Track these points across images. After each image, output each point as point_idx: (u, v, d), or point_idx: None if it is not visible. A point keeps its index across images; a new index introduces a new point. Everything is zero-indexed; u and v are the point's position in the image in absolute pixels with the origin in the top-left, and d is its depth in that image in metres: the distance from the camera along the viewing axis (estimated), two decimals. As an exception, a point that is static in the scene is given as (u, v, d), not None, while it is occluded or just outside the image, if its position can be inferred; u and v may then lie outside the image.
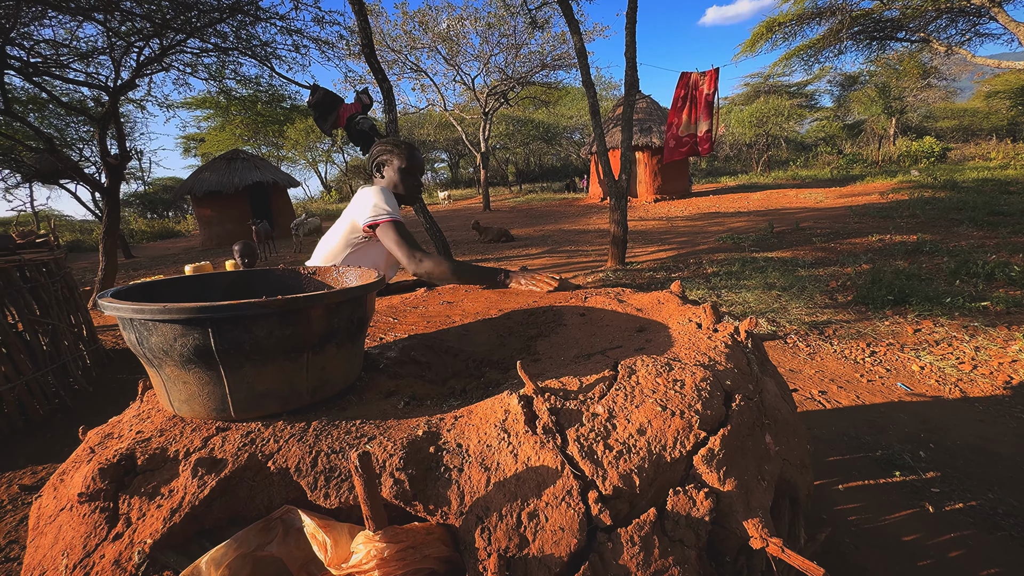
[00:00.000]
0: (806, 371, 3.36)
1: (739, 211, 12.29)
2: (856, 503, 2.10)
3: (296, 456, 0.76)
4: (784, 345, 3.81)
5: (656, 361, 0.87)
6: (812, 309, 4.53)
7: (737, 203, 13.90)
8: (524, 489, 0.71)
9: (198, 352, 0.75)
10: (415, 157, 1.88)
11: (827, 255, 6.54)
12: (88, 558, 0.69)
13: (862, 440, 2.53)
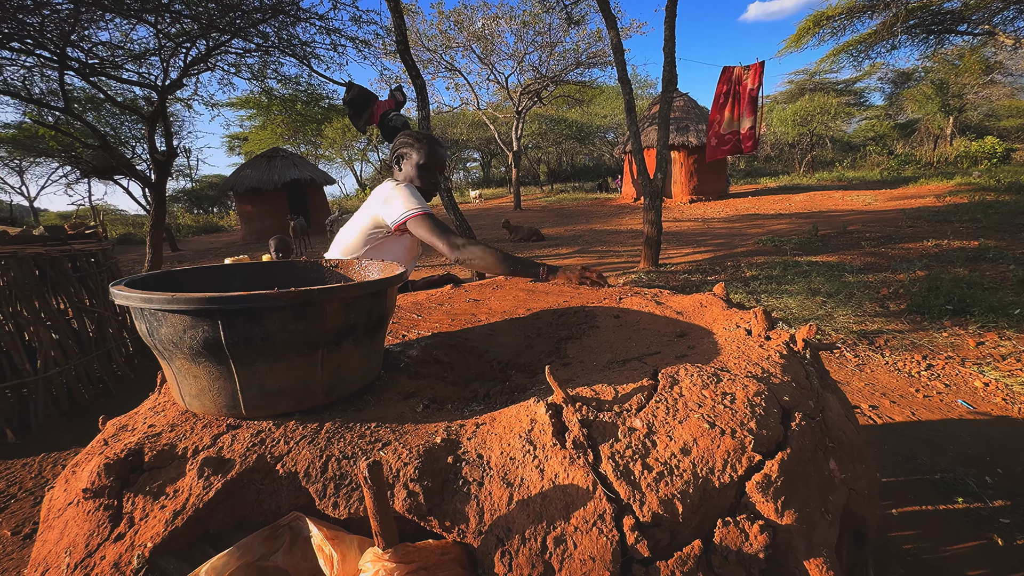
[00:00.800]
0: (854, 383, 3.14)
1: (780, 213, 11.79)
2: (912, 530, 1.93)
3: (306, 460, 0.71)
4: (830, 354, 3.58)
5: (702, 371, 0.78)
6: (861, 317, 4.26)
7: (778, 205, 13.35)
8: (550, 510, 0.63)
9: (208, 345, 0.71)
10: (435, 153, 1.81)
11: (877, 260, 6.16)
12: (89, 558, 0.66)
13: (918, 461, 2.33)
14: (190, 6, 6.18)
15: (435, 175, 1.83)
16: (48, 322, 3.37)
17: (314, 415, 0.81)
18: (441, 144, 1.86)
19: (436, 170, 1.82)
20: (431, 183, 1.82)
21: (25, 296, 3.27)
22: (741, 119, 5.01)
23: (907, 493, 2.12)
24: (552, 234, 10.99)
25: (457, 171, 40.90)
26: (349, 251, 1.73)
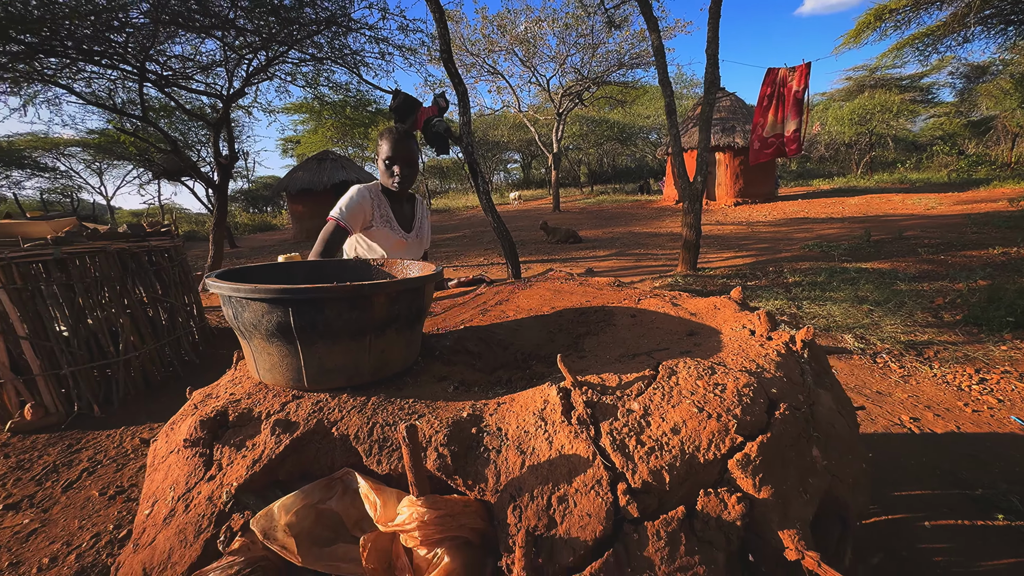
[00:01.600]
0: (896, 395, 3.05)
1: (831, 217, 11.28)
2: (944, 543, 1.90)
3: (356, 425, 0.85)
4: (872, 364, 3.48)
5: (699, 364, 0.87)
6: (910, 327, 4.08)
7: (830, 208, 12.76)
8: (556, 474, 0.74)
9: (280, 328, 0.87)
10: (395, 146, 1.79)
11: (934, 268, 5.84)
12: (189, 492, 0.83)
13: (958, 475, 2.27)
14: (253, 21, 6.66)
15: (403, 167, 1.81)
16: (128, 310, 3.77)
17: (362, 391, 0.96)
18: (405, 137, 1.82)
19: (399, 163, 1.80)
20: (402, 176, 1.81)
21: (111, 286, 3.67)
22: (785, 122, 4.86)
23: (942, 507, 2.08)
24: (590, 236, 10.99)
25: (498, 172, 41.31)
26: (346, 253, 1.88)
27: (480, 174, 5.04)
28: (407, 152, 1.81)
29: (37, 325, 3.37)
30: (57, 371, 3.41)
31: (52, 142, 18.85)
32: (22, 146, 18.06)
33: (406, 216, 1.99)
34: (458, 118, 5.01)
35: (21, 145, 18.04)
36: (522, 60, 16.39)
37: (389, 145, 1.79)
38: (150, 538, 0.80)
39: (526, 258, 8.86)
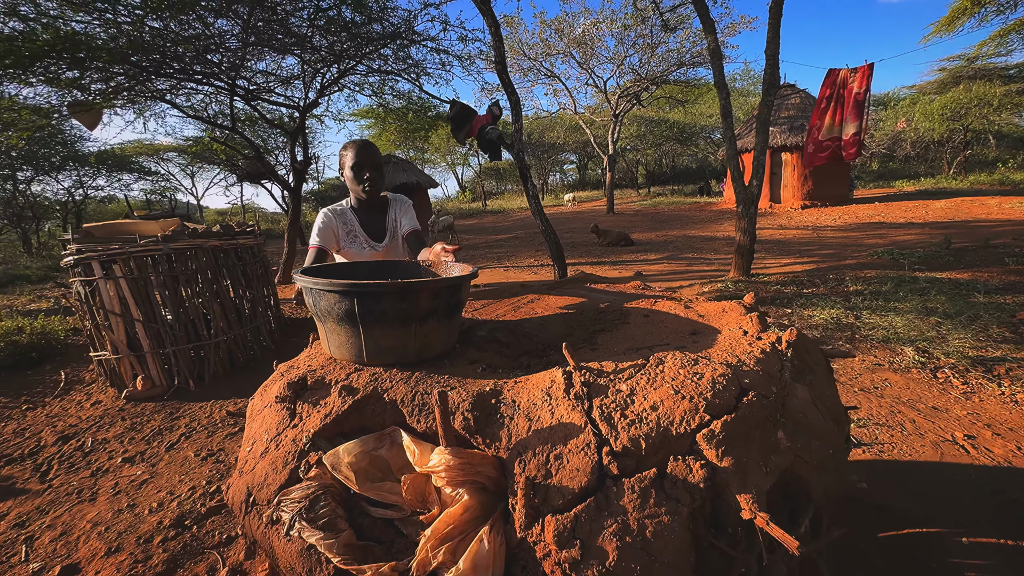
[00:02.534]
0: (954, 411, 2.92)
1: (911, 222, 10.45)
2: (981, 559, 1.87)
3: (402, 392, 1.08)
4: (932, 379, 3.33)
5: (686, 356, 1.02)
6: (982, 342, 3.83)
7: (911, 212, 11.80)
8: (554, 437, 0.93)
9: (347, 314, 1.12)
10: (361, 152, 1.87)
11: (1022, 280, 5.35)
12: (279, 435, 1.09)
13: (1011, 496, 2.19)
14: (327, 38, 7.26)
15: (368, 172, 1.89)
16: (218, 299, 4.32)
17: (408, 368, 1.19)
18: (367, 144, 1.90)
19: (365, 167, 1.87)
20: (370, 181, 1.88)
21: (205, 278, 4.23)
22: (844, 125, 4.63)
23: (985, 524, 2.03)
24: (642, 239, 10.89)
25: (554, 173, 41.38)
26: None
27: (529, 179, 5.25)
28: (370, 157, 1.88)
29: (148, 310, 3.96)
30: (162, 349, 3.98)
31: (154, 148, 21.22)
32: (130, 152, 20.49)
33: (377, 226, 2.01)
34: (511, 125, 5.25)
35: (130, 151, 20.47)
36: (579, 62, 16.44)
37: (353, 152, 1.87)
38: (251, 467, 1.06)
39: (576, 260, 8.96)
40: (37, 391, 4.37)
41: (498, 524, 0.91)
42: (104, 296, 3.85)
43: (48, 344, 5.13)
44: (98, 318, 3.91)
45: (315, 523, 0.89)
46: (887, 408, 2.97)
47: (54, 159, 16.38)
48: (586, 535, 0.82)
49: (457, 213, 25.10)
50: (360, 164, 1.87)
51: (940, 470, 2.38)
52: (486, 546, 0.86)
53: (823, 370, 1.16)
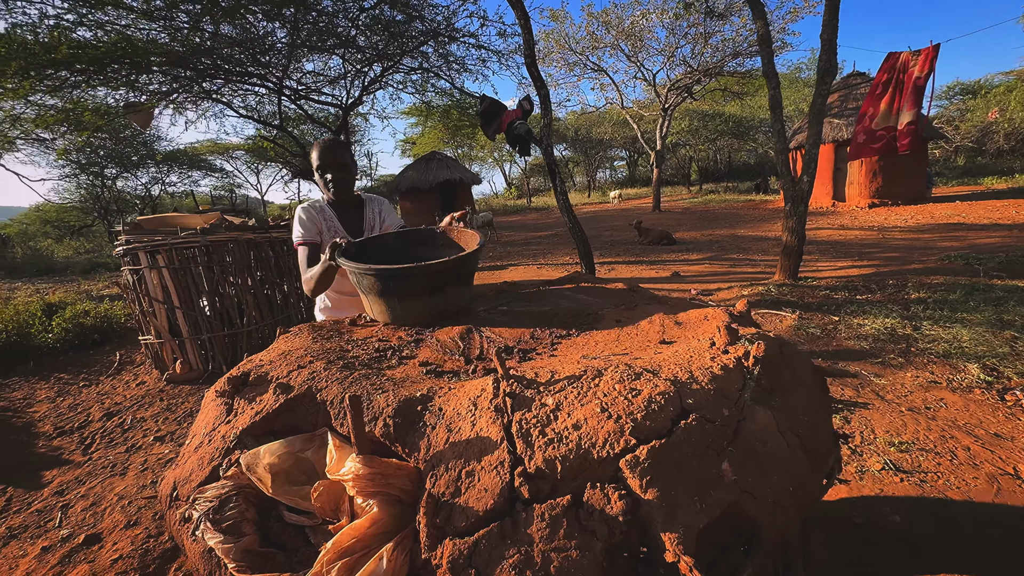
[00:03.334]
0: (1021, 440, 2.55)
1: (996, 223, 9.36)
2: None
3: (333, 393, 1.04)
4: (997, 402, 2.93)
5: (629, 369, 0.91)
6: (1066, 362, 3.33)
7: (999, 212, 10.58)
8: (469, 452, 0.85)
9: (383, 290, 1.40)
10: (324, 153, 1.85)
11: None
12: (213, 431, 1.08)
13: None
14: (370, 39, 7.43)
15: (334, 173, 1.87)
16: (252, 290, 4.52)
17: (349, 369, 1.15)
18: (332, 144, 1.87)
19: (331, 169, 1.86)
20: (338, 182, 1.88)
21: (239, 269, 4.44)
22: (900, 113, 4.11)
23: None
24: (686, 238, 10.43)
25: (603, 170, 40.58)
26: None
27: (558, 175, 5.12)
28: (334, 157, 1.86)
29: (187, 298, 4.20)
30: (199, 336, 4.22)
31: (222, 147, 22.75)
32: (202, 151, 22.09)
33: (355, 223, 2.01)
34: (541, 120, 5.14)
35: (201, 150, 22.07)
36: (627, 55, 15.96)
37: (317, 153, 1.86)
38: (184, 460, 1.06)
39: (612, 259, 8.71)
40: (95, 370, 4.76)
41: (405, 542, 0.84)
42: (149, 284, 4.12)
43: (109, 327, 5.59)
44: (144, 304, 4.20)
45: (218, 525, 0.86)
46: (937, 432, 2.64)
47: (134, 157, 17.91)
48: (483, 564, 0.74)
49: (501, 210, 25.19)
50: (324, 166, 1.86)
51: (994, 510, 2.07)
52: (383, 566, 0.80)
53: (807, 389, 1.01)
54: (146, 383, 4.32)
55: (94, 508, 2.71)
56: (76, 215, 21.37)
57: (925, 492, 2.19)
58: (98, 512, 2.67)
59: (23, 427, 3.74)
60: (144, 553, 2.32)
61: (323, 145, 1.86)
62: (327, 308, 2.07)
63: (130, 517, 2.59)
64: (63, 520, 2.64)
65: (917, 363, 3.48)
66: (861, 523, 2.04)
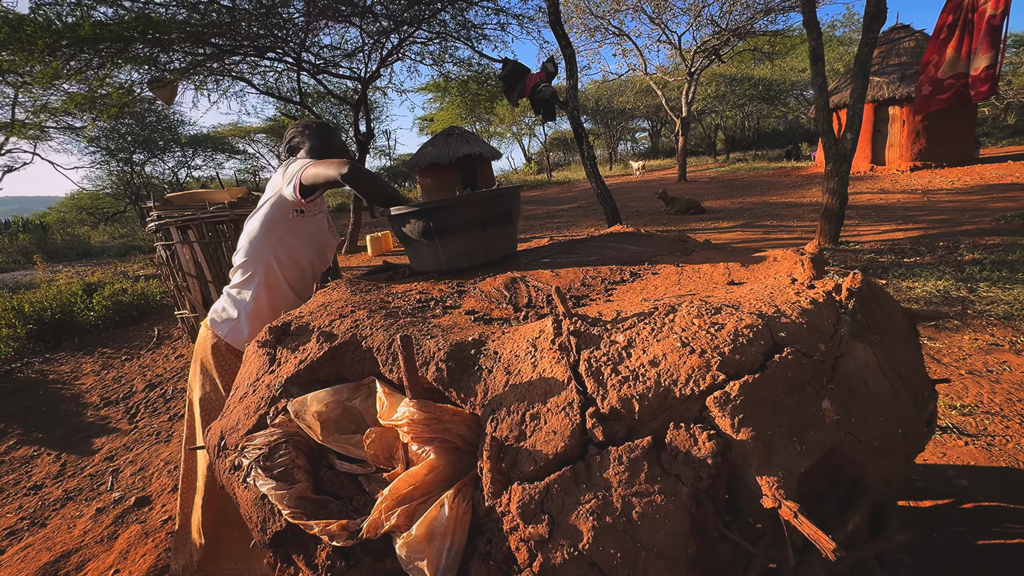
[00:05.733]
0: (1097, 404, 2.37)
1: (1054, 182, 8.74)
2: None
3: (379, 340, 0.98)
4: (1064, 363, 2.73)
5: (704, 304, 0.82)
6: None
7: (1055, 171, 9.87)
8: (532, 394, 0.78)
9: (427, 230, 1.35)
10: (327, 138, 1.62)
11: None
12: (257, 381, 1.04)
13: None
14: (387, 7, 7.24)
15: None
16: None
17: (392, 316, 1.09)
18: (334, 131, 1.67)
19: (332, 153, 1.63)
20: None
21: (268, 243, 4.45)
22: (972, 57, 3.71)
23: None
24: (715, 207, 10.08)
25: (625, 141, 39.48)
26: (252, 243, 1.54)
27: (585, 139, 4.93)
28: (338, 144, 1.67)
29: (219, 271, 4.25)
30: (232, 309, 4.27)
31: (244, 130, 22.92)
32: (224, 134, 22.32)
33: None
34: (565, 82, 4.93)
35: (223, 133, 22.29)
36: (651, 17, 15.26)
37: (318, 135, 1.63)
38: (230, 410, 1.02)
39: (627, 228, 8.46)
40: (135, 344, 4.91)
41: (466, 489, 0.79)
42: (181, 259, 4.18)
43: (147, 304, 5.74)
44: (178, 279, 4.26)
45: (270, 472, 0.82)
46: (1003, 395, 2.47)
47: (160, 142, 18.21)
48: (557, 510, 0.68)
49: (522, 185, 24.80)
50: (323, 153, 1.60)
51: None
52: (445, 512, 0.74)
53: (900, 330, 0.90)
54: (184, 356, 4.43)
55: (142, 473, 2.80)
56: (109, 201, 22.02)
57: (994, 456, 2.06)
58: (146, 476, 2.76)
59: (72, 398, 3.88)
60: (192, 514, 2.37)
61: (327, 129, 1.66)
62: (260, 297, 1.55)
63: (176, 481, 2.66)
64: (114, 484, 2.73)
65: (975, 325, 3.27)
66: (923, 487, 1.93)
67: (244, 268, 1.57)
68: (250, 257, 1.55)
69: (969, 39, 3.74)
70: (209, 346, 1.56)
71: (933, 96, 4.19)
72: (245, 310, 1.54)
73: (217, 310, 1.59)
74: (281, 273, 1.56)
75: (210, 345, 1.55)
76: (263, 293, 1.55)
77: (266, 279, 1.55)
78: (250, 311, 1.54)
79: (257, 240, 1.54)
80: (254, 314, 1.54)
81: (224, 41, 6.42)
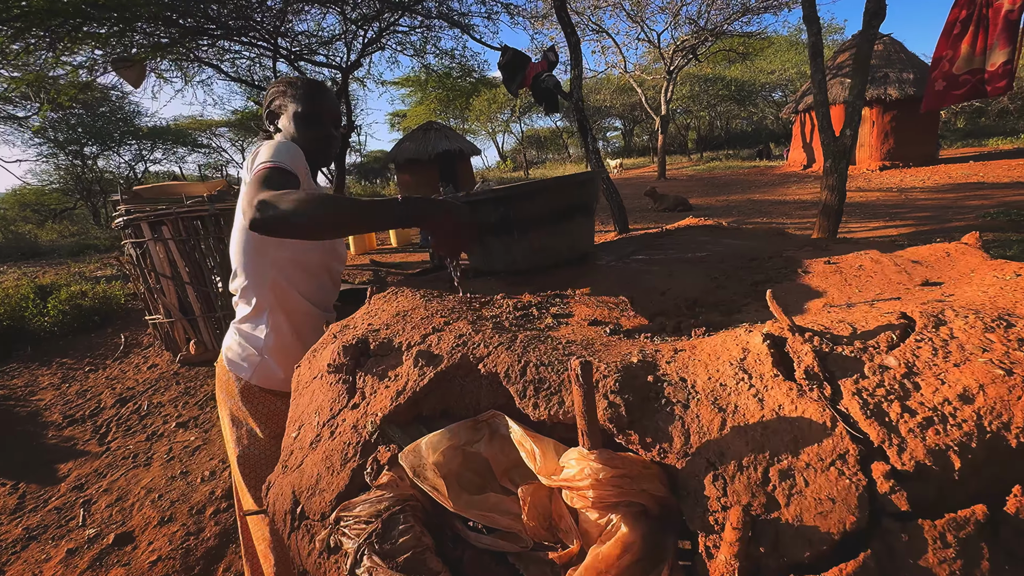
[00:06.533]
0: None
1: (1019, 180, 9.15)
2: None
3: (505, 363, 0.74)
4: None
5: (980, 315, 0.62)
6: None
7: (1015, 171, 10.35)
8: (774, 441, 0.56)
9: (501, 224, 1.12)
10: (318, 96, 1.27)
11: None
12: (334, 419, 0.78)
13: None
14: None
15: (325, 129, 1.28)
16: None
17: (504, 331, 0.85)
18: (327, 90, 1.32)
19: (323, 121, 1.28)
20: (322, 141, 1.28)
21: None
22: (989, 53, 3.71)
23: None
24: (702, 204, 10.12)
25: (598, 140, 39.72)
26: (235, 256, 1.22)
27: (590, 131, 4.75)
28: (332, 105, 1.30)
29: (197, 273, 3.85)
30: (213, 314, 3.89)
31: (207, 123, 21.75)
32: (185, 127, 21.12)
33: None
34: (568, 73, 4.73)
35: (184, 126, 21.09)
36: (630, 14, 15.26)
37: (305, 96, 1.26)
38: (298, 461, 0.76)
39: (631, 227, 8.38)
40: (99, 353, 4.43)
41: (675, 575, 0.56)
42: (154, 258, 3.76)
43: (110, 308, 5.22)
44: (150, 281, 3.84)
45: (392, 559, 0.58)
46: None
47: (115, 134, 17.06)
48: (865, 621, 0.46)
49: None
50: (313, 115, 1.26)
51: None
52: (670, 618, 0.52)
53: None
54: (158, 365, 4.00)
55: (120, 504, 2.44)
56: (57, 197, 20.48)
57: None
58: (125, 508, 2.40)
59: (28, 417, 3.43)
60: (186, 553, 2.06)
61: (318, 86, 1.30)
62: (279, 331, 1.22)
63: (163, 513, 2.32)
64: (87, 518, 2.36)
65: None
66: None
67: (246, 295, 1.23)
68: (250, 280, 1.21)
69: (984, 34, 3.76)
70: (236, 392, 1.23)
71: (946, 92, 4.20)
72: (267, 346, 1.22)
73: (232, 347, 1.26)
74: (294, 289, 1.23)
75: (237, 391, 1.23)
76: (281, 321, 1.22)
77: (279, 302, 1.22)
78: (272, 345, 1.22)
79: (250, 255, 1.19)
80: (278, 348, 1.22)
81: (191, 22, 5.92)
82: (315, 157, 1.28)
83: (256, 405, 1.21)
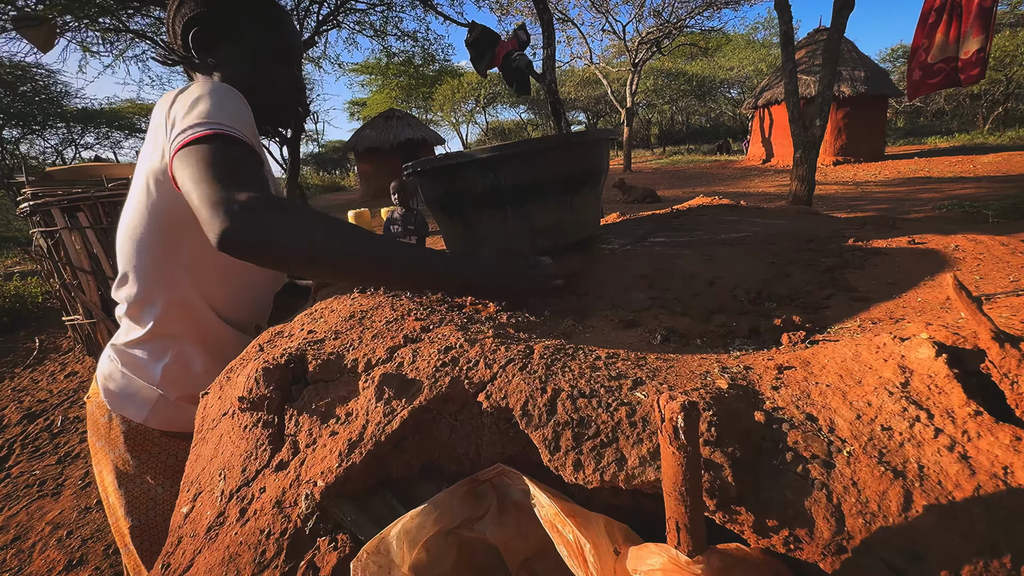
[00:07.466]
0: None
1: (962, 176, 9.63)
2: None
3: (522, 393, 0.47)
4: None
5: None
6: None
7: (957, 167, 10.93)
8: (1010, 531, 0.33)
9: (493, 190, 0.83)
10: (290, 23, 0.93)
11: None
12: (247, 487, 0.49)
13: None
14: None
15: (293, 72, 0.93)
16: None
17: (513, 340, 0.59)
18: (288, 15, 0.95)
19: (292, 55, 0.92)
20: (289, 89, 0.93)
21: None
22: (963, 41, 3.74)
23: None
24: (669, 196, 10.13)
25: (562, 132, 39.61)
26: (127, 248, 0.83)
27: (563, 116, 4.51)
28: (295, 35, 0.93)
29: (123, 266, 3.37)
30: (143, 313, 3.41)
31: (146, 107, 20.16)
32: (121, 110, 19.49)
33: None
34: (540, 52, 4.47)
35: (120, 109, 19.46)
36: (595, 5, 15.14)
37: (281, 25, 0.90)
38: (186, 560, 0.47)
39: (599, 218, 8.25)
40: (7, 360, 3.85)
41: None
42: (70, 249, 3.25)
43: (23, 308, 4.59)
44: (66, 276, 3.33)
45: None
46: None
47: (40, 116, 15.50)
48: None
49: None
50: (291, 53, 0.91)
51: None
52: None
53: None
54: (78, 373, 3.49)
55: (18, 545, 2.02)
56: (-28, 185, 18.50)
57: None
58: (23, 550, 1.98)
59: (-90, 438, 2.88)
60: (97, 606, 1.69)
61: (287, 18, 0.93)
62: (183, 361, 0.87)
63: (72, 554, 1.93)
64: (-28, 565, 1.94)
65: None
66: None
67: (140, 311, 0.85)
68: (148, 291, 0.83)
69: (958, 23, 3.77)
70: (120, 438, 0.85)
71: (924, 80, 4.22)
72: (165, 380, 0.85)
73: (112, 377, 0.87)
74: (211, 309, 0.87)
75: (121, 435, 0.85)
76: (189, 350, 0.86)
77: (188, 325, 0.86)
78: (174, 378, 0.85)
79: (152, 255, 0.81)
80: (182, 382, 0.86)
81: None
82: (273, 114, 0.91)
83: (153, 454, 0.86)
